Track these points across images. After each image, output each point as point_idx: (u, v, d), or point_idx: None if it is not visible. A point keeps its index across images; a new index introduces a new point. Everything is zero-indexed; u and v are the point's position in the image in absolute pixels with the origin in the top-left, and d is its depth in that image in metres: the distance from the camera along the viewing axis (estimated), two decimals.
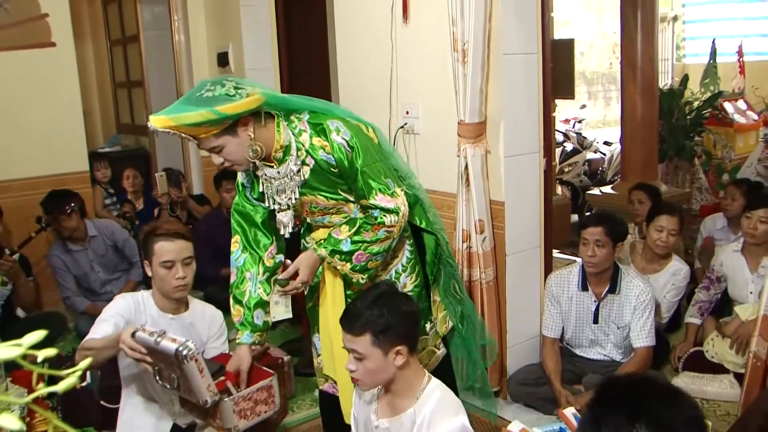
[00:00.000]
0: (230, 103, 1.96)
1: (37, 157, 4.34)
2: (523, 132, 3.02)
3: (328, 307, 2.34)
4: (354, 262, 2.20)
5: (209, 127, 1.97)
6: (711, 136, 5.90)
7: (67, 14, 4.40)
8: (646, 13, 4.94)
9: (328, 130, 2.12)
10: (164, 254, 2.35)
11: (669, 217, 3.44)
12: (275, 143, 2.13)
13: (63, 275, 4.04)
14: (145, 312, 2.40)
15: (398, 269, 2.36)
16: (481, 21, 2.78)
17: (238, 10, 4.71)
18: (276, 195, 2.21)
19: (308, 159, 2.14)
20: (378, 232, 2.18)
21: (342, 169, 2.14)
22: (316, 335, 2.48)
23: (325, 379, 2.51)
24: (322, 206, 2.24)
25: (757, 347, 2.44)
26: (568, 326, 3.12)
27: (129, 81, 6.45)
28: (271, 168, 2.17)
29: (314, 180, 2.18)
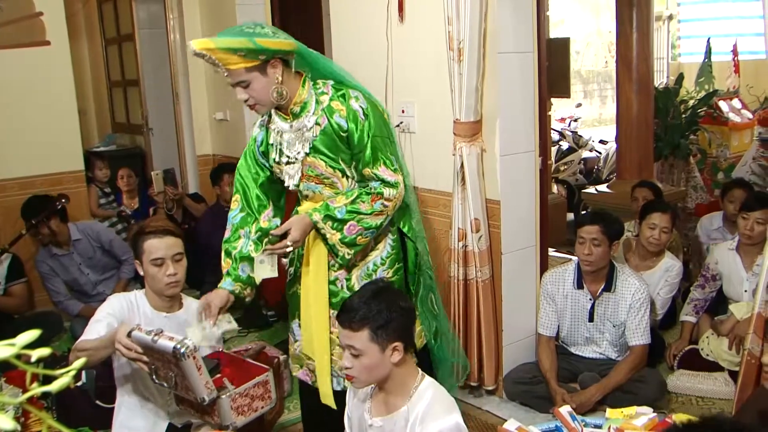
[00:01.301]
0: (267, 38, 2.12)
1: (33, 156, 4.33)
2: (519, 131, 3.02)
3: (309, 283, 2.37)
4: (345, 233, 2.23)
5: (244, 57, 2.08)
6: (706, 135, 5.92)
7: (62, 13, 4.38)
8: (642, 11, 4.94)
9: (348, 96, 2.24)
10: (154, 252, 2.34)
11: (661, 215, 3.45)
12: (297, 96, 2.24)
13: (52, 280, 4.01)
14: (139, 311, 2.38)
15: (377, 261, 2.38)
16: (476, 20, 2.78)
17: (233, 9, 4.70)
18: (286, 148, 2.29)
19: (322, 119, 2.24)
20: (375, 204, 2.24)
21: (351, 136, 2.22)
22: (296, 321, 2.49)
23: (300, 366, 2.53)
24: (320, 172, 2.29)
25: (751, 345, 2.45)
26: (563, 324, 3.12)
27: (124, 80, 6.44)
28: (285, 122, 2.27)
29: (320, 142, 2.25)
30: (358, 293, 1.94)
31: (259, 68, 2.14)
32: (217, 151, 5.27)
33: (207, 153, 5.30)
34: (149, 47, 5.82)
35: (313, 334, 2.38)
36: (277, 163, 2.35)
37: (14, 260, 3.95)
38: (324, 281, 2.35)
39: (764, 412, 2.07)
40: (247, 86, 2.15)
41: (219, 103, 5.09)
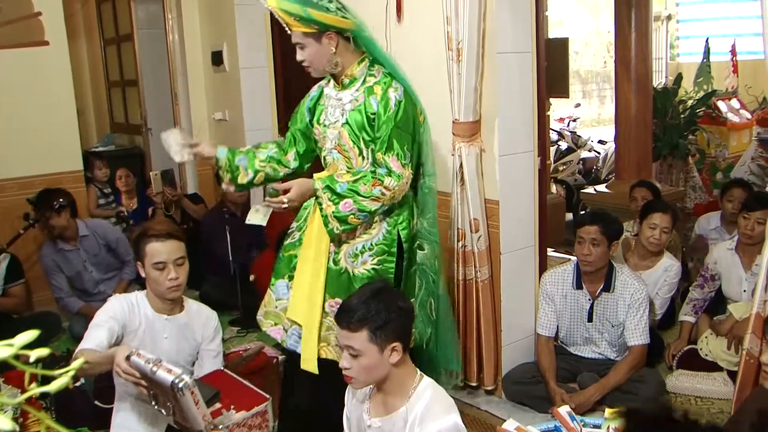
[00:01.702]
0: (321, 12, 2.28)
1: (31, 156, 4.32)
2: (518, 131, 3.02)
3: (310, 252, 2.46)
4: (340, 207, 2.31)
5: (298, 22, 2.28)
6: (705, 135, 5.92)
7: (61, 13, 4.37)
8: (640, 12, 4.95)
9: (389, 85, 2.37)
10: (156, 255, 2.33)
11: (662, 215, 3.45)
12: (349, 70, 2.40)
13: (55, 276, 4.02)
14: (140, 313, 2.37)
15: (366, 245, 2.42)
16: (475, 20, 2.78)
17: (232, 10, 4.70)
18: (329, 113, 2.47)
19: (360, 96, 2.39)
20: (374, 189, 2.31)
21: (377, 119, 2.34)
22: (283, 281, 2.56)
23: (274, 323, 2.58)
24: (344, 143, 2.42)
25: (750, 345, 2.44)
26: (562, 324, 3.13)
27: (123, 80, 6.43)
28: (334, 89, 2.47)
29: (352, 116, 2.39)
30: (357, 294, 1.94)
31: (314, 36, 2.32)
32: None
33: None
34: (148, 47, 5.82)
35: (305, 299, 2.45)
36: (321, 124, 2.50)
37: (13, 261, 3.94)
38: (326, 251, 2.43)
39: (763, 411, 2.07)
40: (303, 48, 2.36)
41: (218, 104, 5.09)
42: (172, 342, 2.43)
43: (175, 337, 2.43)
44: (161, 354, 2.40)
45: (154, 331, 2.40)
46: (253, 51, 4.75)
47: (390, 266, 2.44)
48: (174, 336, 2.43)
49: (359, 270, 2.42)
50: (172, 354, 2.43)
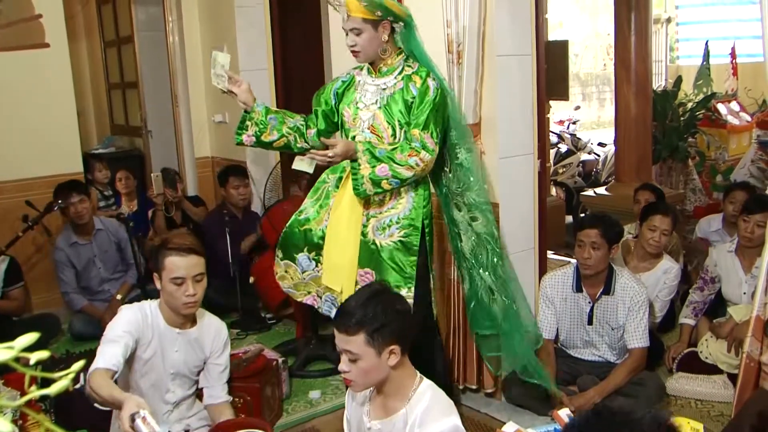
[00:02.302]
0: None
1: (31, 158, 4.32)
2: (517, 133, 3.02)
3: (342, 219, 2.64)
4: (376, 171, 2.48)
5: (365, 8, 2.45)
6: (704, 138, 5.93)
7: (61, 15, 4.38)
8: (640, 14, 4.96)
9: (428, 75, 2.57)
10: (175, 270, 2.27)
11: (662, 217, 3.45)
12: (389, 59, 2.60)
13: (64, 269, 4.04)
14: (152, 325, 2.34)
15: (393, 219, 2.61)
16: (475, 23, 2.79)
17: (232, 12, 4.71)
18: (365, 97, 2.63)
19: (399, 84, 2.59)
20: (410, 159, 2.50)
21: (415, 101, 2.54)
22: (302, 254, 2.75)
23: (306, 292, 2.80)
24: (378, 123, 2.60)
25: (750, 348, 2.44)
26: (562, 327, 3.12)
27: (123, 82, 6.43)
28: (370, 76, 2.64)
29: (391, 100, 2.58)
30: (353, 297, 1.94)
31: (373, 23, 2.50)
32: (215, 154, 5.27)
33: (206, 155, 5.30)
34: (148, 49, 5.82)
35: (340, 268, 2.64)
36: (353, 106, 2.66)
37: (12, 263, 3.92)
38: (358, 222, 2.61)
39: (763, 413, 2.07)
40: (358, 35, 2.50)
41: (218, 106, 5.09)
42: (180, 354, 2.42)
43: (184, 350, 2.42)
44: (169, 366, 2.41)
45: (165, 343, 2.38)
46: (253, 53, 4.75)
47: (415, 239, 2.61)
48: (183, 349, 2.42)
49: (386, 242, 2.60)
50: (179, 365, 2.44)
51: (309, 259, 2.75)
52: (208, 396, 2.53)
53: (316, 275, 2.74)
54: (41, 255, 4.41)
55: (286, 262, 2.80)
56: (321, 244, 2.71)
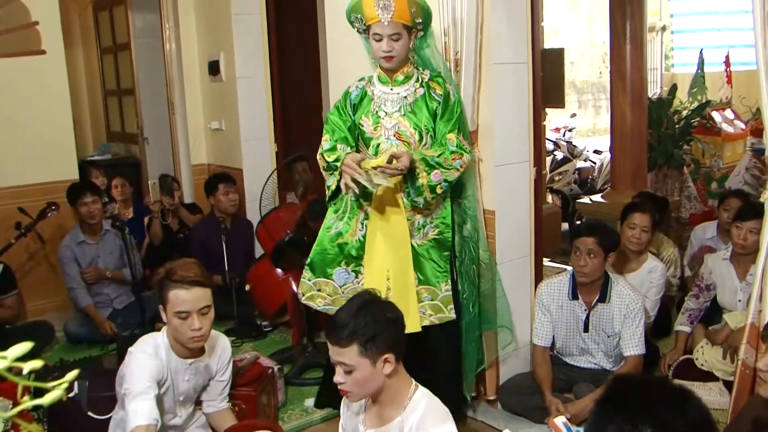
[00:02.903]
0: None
1: (26, 165, 4.31)
2: (514, 141, 3.03)
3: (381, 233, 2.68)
4: (432, 177, 2.58)
5: (412, 14, 2.55)
6: (699, 145, 5.94)
7: (58, 22, 4.38)
8: (635, 23, 4.97)
9: (445, 81, 2.73)
10: (179, 304, 2.22)
11: (641, 215, 3.50)
12: (406, 67, 2.70)
13: (70, 265, 4.04)
14: (167, 364, 2.33)
15: (427, 219, 2.72)
16: (472, 31, 2.81)
17: (229, 19, 4.71)
18: (385, 106, 2.71)
19: (420, 90, 2.70)
20: (455, 161, 2.63)
21: (442, 106, 2.67)
22: (339, 268, 2.77)
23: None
24: (404, 130, 2.68)
25: (745, 355, 2.45)
26: (558, 335, 3.12)
27: (119, 89, 6.43)
28: (386, 85, 2.72)
29: (415, 106, 2.68)
30: (344, 308, 1.93)
31: (409, 31, 2.60)
32: (212, 161, 5.27)
33: (202, 162, 5.30)
34: (145, 56, 5.82)
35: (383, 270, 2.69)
36: (374, 115, 2.71)
37: (5, 271, 3.91)
38: (405, 226, 2.67)
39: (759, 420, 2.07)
40: (397, 40, 2.57)
41: (214, 113, 5.09)
42: (190, 382, 2.44)
43: (194, 377, 2.44)
44: (178, 394, 2.41)
45: (177, 375, 2.38)
46: (250, 61, 4.76)
47: (448, 235, 2.74)
48: (193, 376, 2.43)
49: (421, 241, 2.70)
50: (189, 391, 2.45)
51: (348, 271, 2.79)
52: (208, 405, 2.55)
53: (356, 287, 2.75)
54: (35, 262, 4.40)
55: (319, 280, 2.81)
56: (360, 255, 2.75)
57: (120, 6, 5.92)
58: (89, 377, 2.77)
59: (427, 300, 2.70)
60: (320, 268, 2.81)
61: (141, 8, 5.76)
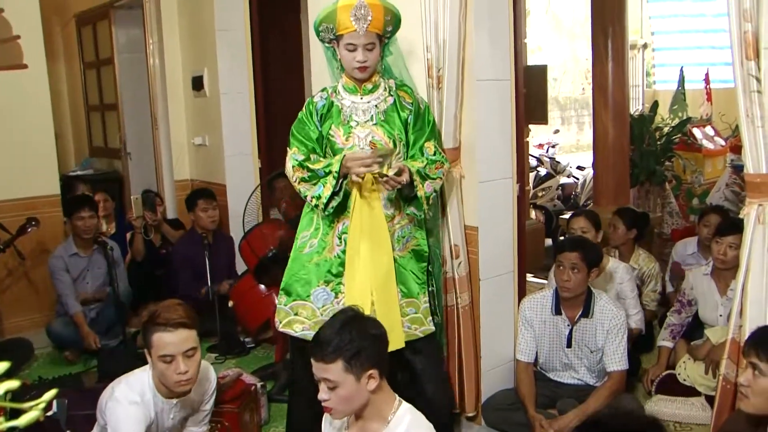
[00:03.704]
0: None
1: (7, 180, 4.26)
2: (497, 157, 3.04)
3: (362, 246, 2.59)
4: (426, 188, 2.59)
5: (384, 24, 2.55)
6: (681, 161, 6.01)
7: (40, 36, 4.35)
8: (617, 40, 5.03)
9: (412, 91, 2.74)
10: (163, 347, 2.17)
11: (577, 218, 3.72)
12: (375, 77, 2.67)
13: (61, 273, 4.04)
14: (152, 406, 2.30)
15: (405, 230, 2.69)
16: (455, 47, 2.81)
17: (213, 35, 4.71)
18: (356, 115, 2.65)
19: (390, 98, 2.68)
20: (438, 171, 2.65)
21: (414, 115, 2.67)
22: (318, 288, 2.66)
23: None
24: (378, 139, 2.64)
25: (726, 370, 2.46)
26: (541, 350, 3.12)
27: (102, 104, 6.40)
28: (355, 94, 2.66)
29: (386, 114, 2.66)
30: (328, 324, 1.92)
31: (380, 40, 2.60)
32: (195, 176, 5.24)
33: (185, 178, 5.28)
34: (128, 71, 5.82)
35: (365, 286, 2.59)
36: (345, 125, 2.65)
37: None
38: (386, 238, 2.61)
39: None
40: (371, 50, 2.56)
41: (197, 128, 5.08)
42: (176, 419, 2.41)
43: (179, 414, 2.42)
44: (162, 430, 2.38)
45: (163, 415, 2.35)
46: (234, 76, 4.76)
47: (425, 245, 2.74)
48: (179, 413, 2.41)
49: (401, 253, 2.67)
50: (174, 427, 2.43)
51: (327, 291, 2.67)
52: (188, 430, 2.53)
53: (336, 307, 2.62)
54: (14, 279, 4.35)
55: (296, 303, 2.69)
56: (341, 271, 2.65)
57: (103, 20, 5.92)
58: (68, 395, 2.73)
59: (412, 313, 2.65)
60: (295, 290, 2.70)
61: (124, 23, 5.76)
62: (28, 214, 4.10)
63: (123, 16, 5.75)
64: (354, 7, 2.49)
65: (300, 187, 2.64)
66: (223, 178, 4.79)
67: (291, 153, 2.66)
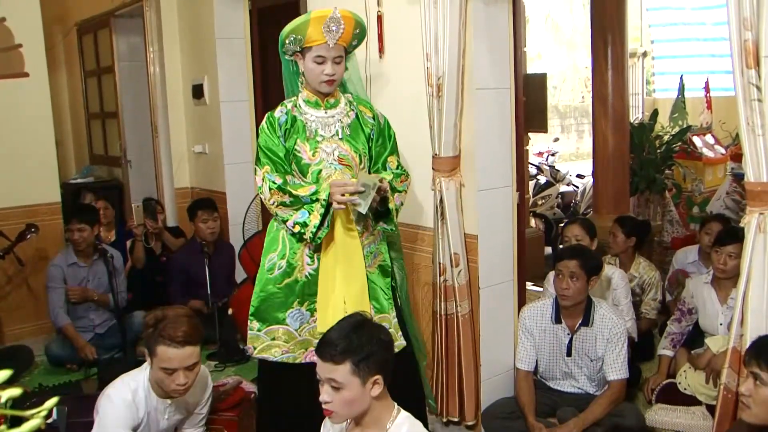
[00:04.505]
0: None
1: (8, 187, 4.29)
2: (497, 166, 3.05)
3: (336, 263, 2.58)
4: (396, 202, 2.62)
5: (352, 37, 2.58)
6: (681, 170, 6.01)
7: (42, 45, 4.38)
8: (617, 49, 5.04)
9: (370, 105, 2.78)
10: (167, 361, 2.22)
11: (571, 226, 3.72)
12: (336, 91, 2.67)
13: (55, 286, 4.01)
14: (145, 404, 2.32)
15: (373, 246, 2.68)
16: (454, 56, 2.83)
17: (213, 43, 4.74)
18: (322, 130, 2.63)
19: (352, 113, 2.69)
20: (402, 184, 2.67)
21: (376, 129, 2.69)
22: (292, 310, 2.61)
23: (304, 349, 2.64)
24: (345, 153, 2.63)
25: (727, 379, 2.45)
26: (541, 359, 3.12)
27: (103, 112, 6.43)
28: (318, 109, 2.64)
29: (351, 129, 2.66)
30: (337, 326, 1.93)
31: (347, 53, 2.61)
32: (195, 184, 5.26)
33: (185, 185, 5.29)
34: (129, 80, 5.84)
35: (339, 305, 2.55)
36: (311, 140, 2.61)
37: None
38: (360, 254, 2.59)
39: None
40: (339, 63, 2.56)
41: (198, 136, 5.09)
42: (171, 419, 2.45)
43: (174, 415, 2.45)
44: (159, 430, 2.42)
45: (158, 414, 2.39)
46: (234, 85, 4.78)
47: (389, 261, 2.73)
48: (173, 414, 2.44)
49: (371, 269, 2.65)
50: (169, 428, 2.47)
51: (302, 312, 2.64)
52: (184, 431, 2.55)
53: (314, 326, 2.63)
54: (13, 285, 4.35)
55: (271, 328, 2.64)
56: (315, 290, 2.62)
57: (104, 29, 5.95)
58: (69, 402, 2.74)
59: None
60: (269, 315, 2.64)
61: (125, 32, 5.78)
62: (28, 222, 4.11)
63: (124, 25, 5.77)
64: (328, 19, 2.48)
65: (278, 210, 2.56)
66: (223, 185, 4.80)
67: (263, 172, 2.58)
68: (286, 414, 2.68)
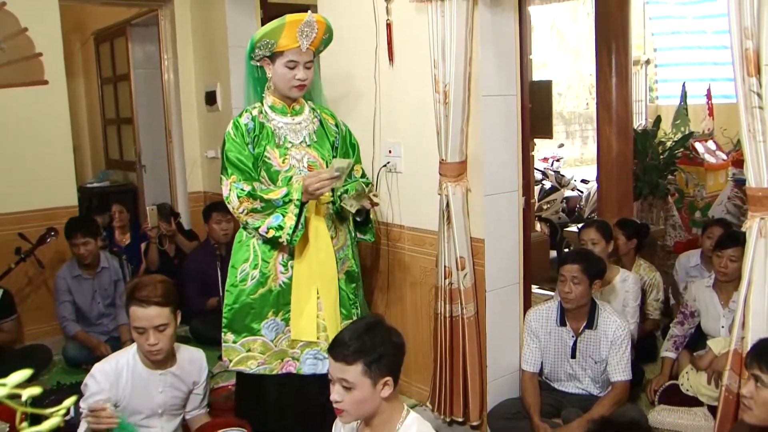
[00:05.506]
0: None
1: (27, 191, 4.37)
2: (503, 171, 3.08)
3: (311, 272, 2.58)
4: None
5: (325, 42, 2.63)
6: (683, 175, 6.05)
7: (61, 53, 4.46)
8: (620, 56, 5.08)
9: (332, 114, 2.81)
10: (136, 320, 2.35)
11: (587, 230, 3.76)
12: (301, 98, 2.69)
13: (63, 298, 4.09)
14: (127, 374, 2.42)
15: (343, 251, 2.74)
16: (461, 63, 2.85)
17: (226, 51, 4.82)
18: (290, 136, 2.63)
19: (316, 120, 2.71)
20: (375, 197, 2.69)
21: (340, 136, 2.74)
22: (267, 321, 2.60)
23: (280, 360, 2.64)
24: (312, 159, 2.65)
25: (729, 381, 2.47)
26: (546, 361, 3.17)
27: (119, 118, 6.52)
28: (284, 116, 2.64)
29: (317, 135, 2.68)
30: (350, 327, 1.95)
31: (315, 58, 2.63)
32: (208, 188, 5.34)
33: (198, 190, 5.37)
34: (144, 86, 5.92)
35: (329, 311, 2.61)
36: (280, 147, 2.61)
37: (5, 295, 3.95)
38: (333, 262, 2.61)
39: None
40: (309, 68, 2.59)
41: (210, 142, 5.17)
42: (166, 395, 2.51)
43: (169, 389, 2.51)
44: (156, 406, 2.49)
45: (150, 386, 2.46)
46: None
47: (356, 266, 2.75)
48: (168, 388, 2.51)
49: (339, 276, 2.65)
50: (166, 405, 2.52)
51: (277, 322, 2.64)
52: (188, 413, 2.66)
53: (289, 335, 2.63)
54: (33, 287, 4.44)
55: (246, 340, 2.64)
56: (288, 299, 2.61)
57: (120, 38, 6.04)
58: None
59: None
60: (244, 326, 2.62)
61: (140, 40, 5.87)
62: (47, 225, 4.20)
63: (139, 33, 5.86)
64: (303, 23, 2.48)
65: (248, 218, 2.53)
66: None
67: (230, 181, 2.54)
68: (263, 424, 2.70)
